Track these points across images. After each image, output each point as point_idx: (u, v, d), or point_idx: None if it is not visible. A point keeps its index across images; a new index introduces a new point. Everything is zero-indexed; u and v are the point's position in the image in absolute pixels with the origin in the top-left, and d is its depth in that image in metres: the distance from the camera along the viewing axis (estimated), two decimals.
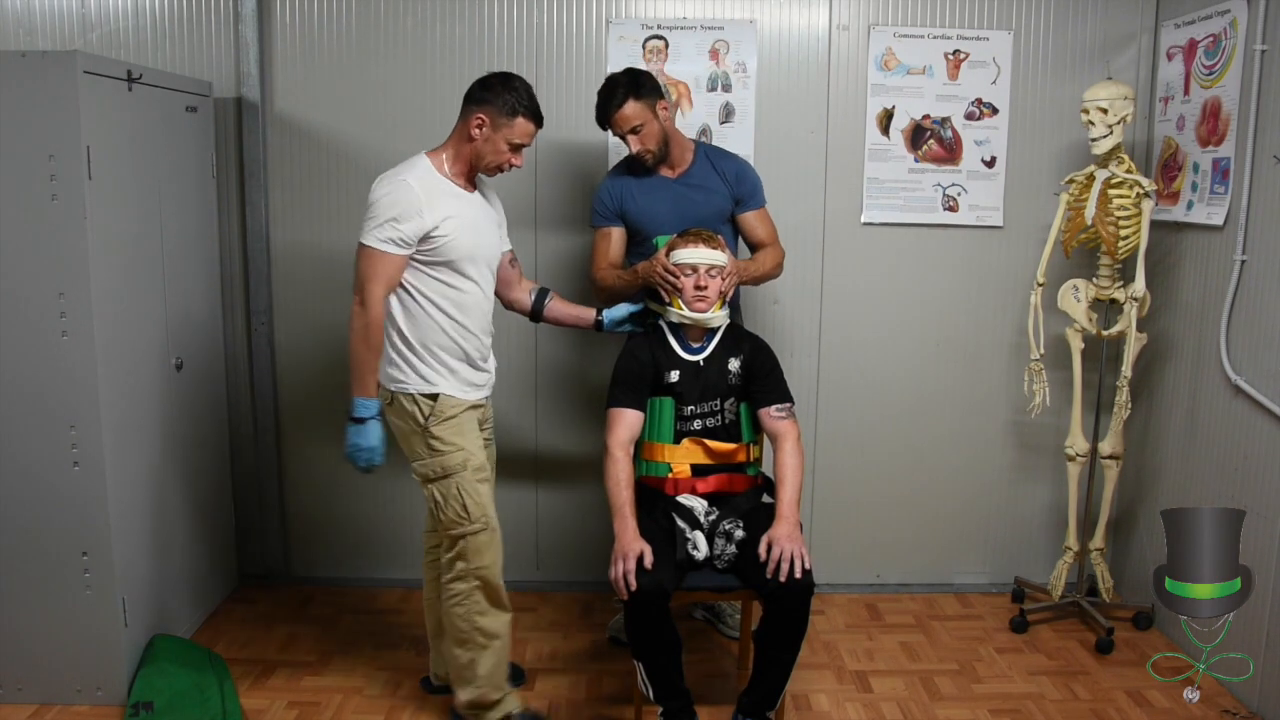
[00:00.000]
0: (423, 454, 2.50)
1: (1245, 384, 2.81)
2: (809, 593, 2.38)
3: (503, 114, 2.44)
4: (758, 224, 2.92)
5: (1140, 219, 3.01)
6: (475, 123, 2.45)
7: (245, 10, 3.21)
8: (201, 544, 3.22)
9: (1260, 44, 2.75)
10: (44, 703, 2.72)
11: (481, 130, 2.45)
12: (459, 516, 2.48)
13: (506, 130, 2.45)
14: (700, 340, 2.67)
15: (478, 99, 2.47)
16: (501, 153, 2.48)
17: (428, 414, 2.48)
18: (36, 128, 2.45)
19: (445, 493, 2.48)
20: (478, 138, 2.46)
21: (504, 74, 2.51)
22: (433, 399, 2.48)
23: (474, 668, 2.54)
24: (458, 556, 2.50)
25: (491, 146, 2.47)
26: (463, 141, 2.49)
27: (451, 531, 2.50)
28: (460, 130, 2.50)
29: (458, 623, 2.53)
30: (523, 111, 2.46)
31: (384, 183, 2.42)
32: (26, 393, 2.57)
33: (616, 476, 2.53)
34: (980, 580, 3.60)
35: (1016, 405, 3.45)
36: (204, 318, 3.23)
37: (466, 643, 2.53)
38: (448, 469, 2.48)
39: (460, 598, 2.51)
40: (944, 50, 3.31)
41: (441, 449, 2.48)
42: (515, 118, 2.45)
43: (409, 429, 2.51)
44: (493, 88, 2.46)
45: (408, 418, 2.50)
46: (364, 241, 2.40)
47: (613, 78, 2.78)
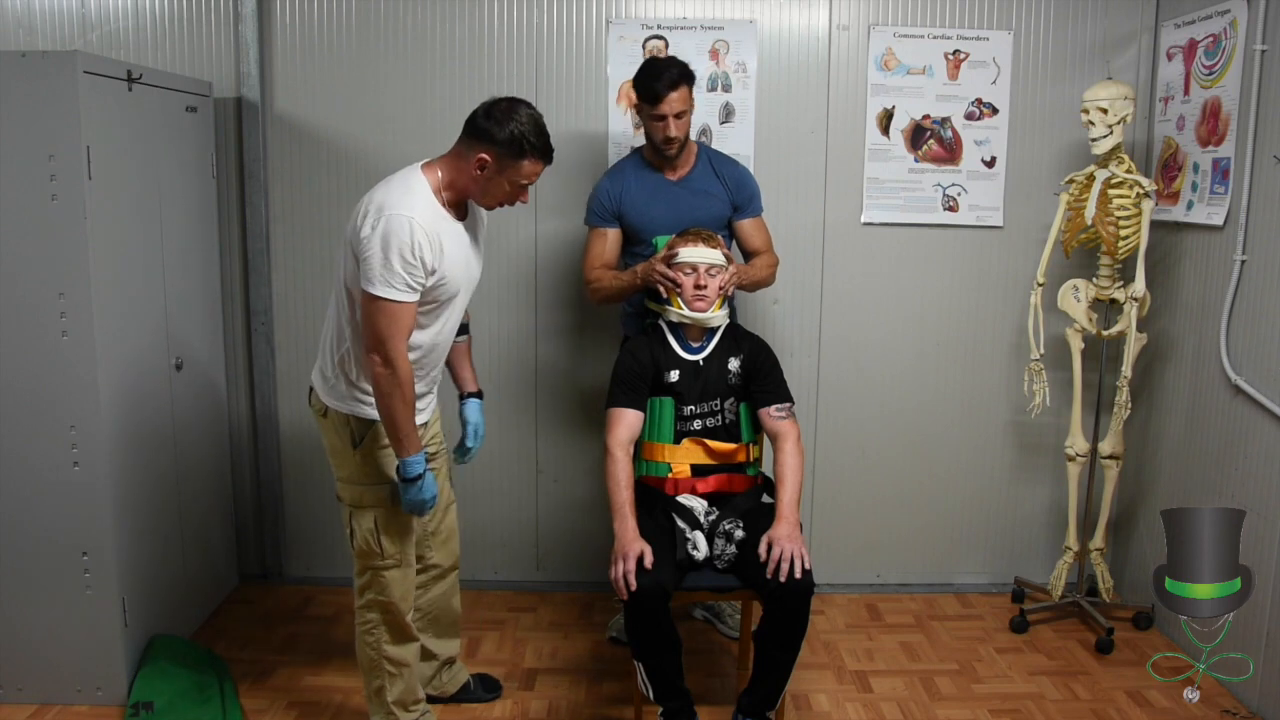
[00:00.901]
0: (348, 477, 2.37)
1: (1245, 384, 2.81)
2: (809, 593, 2.38)
3: (508, 155, 2.19)
4: (754, 232, 2.92)
5: (1140, 219, 3.01)
6: (477, 163, 2.20)
7: (245, 10, 3.21)
8: (201, 544, 3.22)
9: (1260, 44, 2.75)
10: (44, 703, 2.72)
11: (484, 171, 2.21)
12: (370, 549, 2.37)
13: (512, 172, 2.22)
14: (700, 340, 2.67)
15: (482, 133, 2.19)
16: (504, 192, 2.26)
17: (360, 438, 2.34)
18: (36, 128, 2.45)
19: (361, 523, 2.37)
20: (479, 178, 2.22)
21: (510, 102, 2.22)
22: (369, 424, 2.33)
23: (383, 695, 2.47)
24: (368, 585, 2.41)
25: (495, 187, 2.24)
26: (460, 175, 2.24)
27: (363, 560, 2.40)
28: (459, 164, 2.24)
29: (367, 650, 2.45)
30: (530, 151, 2.20)
31: (391, 223, 2.12)
32: (26, 393, 2.57)
33: (616, 476, 2.53)
34: (980, 580, 3.60)
35: (1016, 405, 3.45)
36: (204, 318, 3.23)
37: (374, 671, 2.46)
38: (368, 501, 2.36)
39: (370, 626, 2.43)
40: (944, 50, 3.31)
41: (366, 480, 2.35)
42: (522, 160, 2.20)
43: (340, 445, 2.37)
44: (498, 120, 2.18)
45: (342, 435, 2.36)
46: (376, 293, 2.12)
47: (665, 59, 2.78)
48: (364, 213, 2.19)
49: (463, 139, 2.26)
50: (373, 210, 2.16)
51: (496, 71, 3.29)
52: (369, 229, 2.14)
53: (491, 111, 2.21)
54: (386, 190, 2.22)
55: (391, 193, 2.20)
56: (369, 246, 2.13)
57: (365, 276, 2.14)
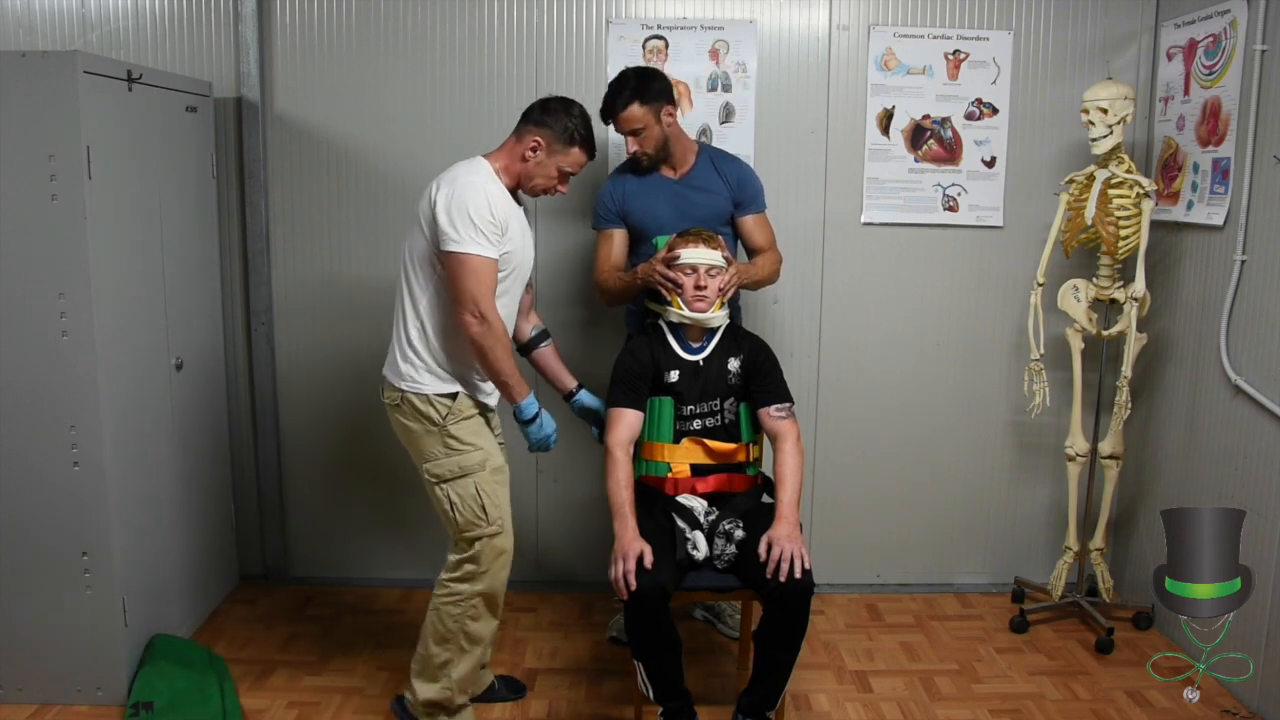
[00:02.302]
0: (438, 454, 2.45)
1: (1245, 384, 2.81)
2: (809, 593, 2.38)
3: (559, 140, 2.43)
4: (756, 229, 2.92)
5: (1140, 219, 3.01)
6: (530, 144, 2.43)
7: (245, 10, 3.21)
8: (201, 544, 3.22)
9: (1260, 44, 2.75)
10: (44, 703, 2.72)
11: (535, 153, 2.43)
12: (476, 518, 2.44)
13: (560, 157, 2.45)
14: (700, 340, 2.67)
15: (536, 120, 2.44)
16: (550, 178, 2.47)
17: (445, 413, 2.44)
18: (36, 128, 2.45)
19: (462, 493, 2.44)
20: (530, 159, 2.44)
21: (565, 99, 2.49)
22: (450, 398, 2.45)
23: (448, 668, 2.50)
24: (469, 559, 2.46)
25: (542, 170, 2.45)
26: (514, 159, 2.46)
27: (467, 534, 2.45)
28: (513, 148, 2.47)
29: (446, 621, 2.48)
30: (579, 141, 2.45)
31: (465, 188, 2.34)
32: (26, 393, 2.57)
33: (616, 476, 2.53)
34: (980, 580, 3.60)
35: (1016, 405, 3.45)
36: (204, 318, 3.23)
37: (448, 642, 2.49)
38: (466, 468, 2.44)
39: (458, 599, 2.48)
40: (944, 50, 3.31)
41: (460, 448, 2.45)
42: (572, 146, 2.44)
43: (422, 430, 2.46)
44: (553, 111, 2.44)
45: (421, 419, 2.45)
46: (462, 250, 2.30)
47: (623, 75, 2.79)
48: (435, 188, 2.38)
49: (517, 128, 2.49)
50: (445, 184, 2.37)
51: (496, 71, 3.29)
52: (444, 198, 2.33)
53: (548, 104, 2.48)
54: (457, 169, 2.43)
55: (460, 169, 2.42)
56: (447, 211, 2.31)
57: (447, 238, 2.31)
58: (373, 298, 3.39)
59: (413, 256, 2.45)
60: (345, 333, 3.42)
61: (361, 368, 3.42)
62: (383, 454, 3.47)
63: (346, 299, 3.40)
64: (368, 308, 3.39)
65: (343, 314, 3.41)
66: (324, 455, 3.50)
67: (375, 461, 3.48)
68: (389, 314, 3.35)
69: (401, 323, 2.49)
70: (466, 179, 2.37)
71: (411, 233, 2.46)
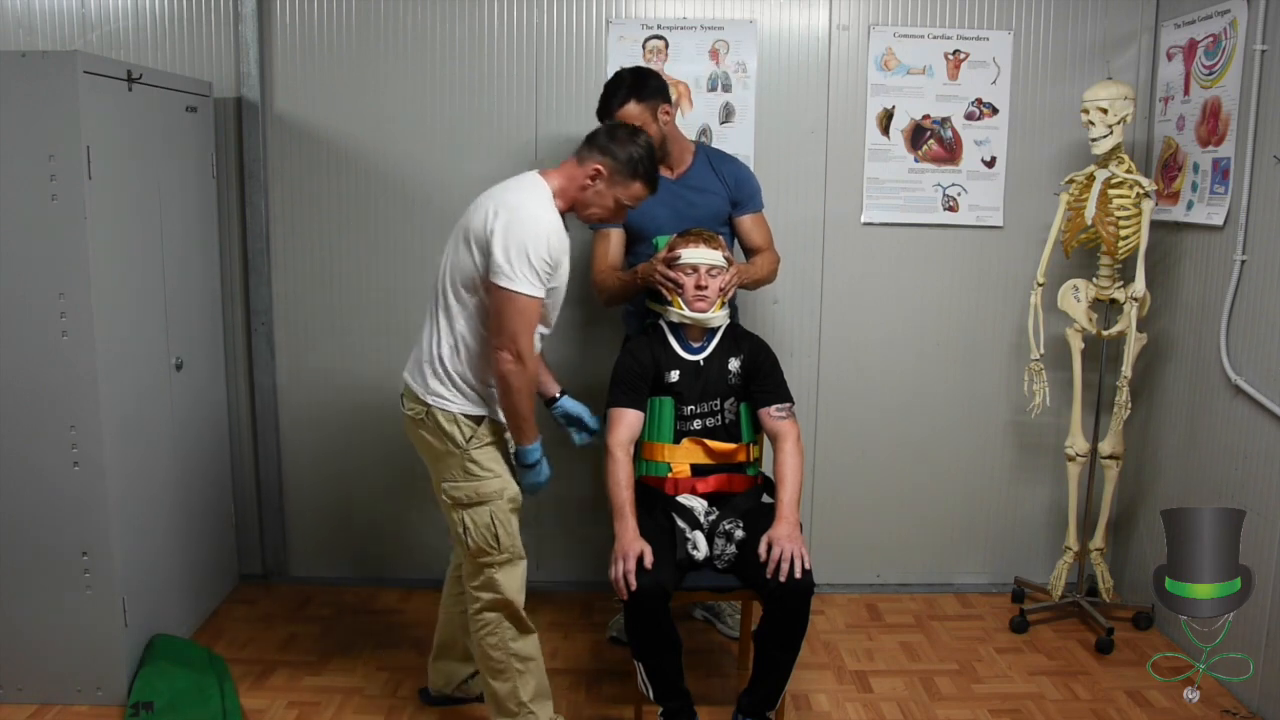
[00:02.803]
0: (457, 477, 2.38)
1: (1245, 384, 2.81)
2: (809, 593, 2.38)
3: (623, 171, 2.35)
4: (754, 228, 2.92)
5: (1140, 219, 3.01)
6: (591, 171, 2.34)
7: (245, 10, 3.21)
8: (201, 544, 3.22)
9: (1260, 44, 2.75)
10: (44, 703, 2.72)
11: (595, 182, 2.35)
12: (489, 545, 2.38)
13: (620, 188, 2.37)
14: (700, 340, 2.67)
15: (601, 146, 2.35)
16: (606, 208, 2.39)
17: (469, 436, 2.36)
18: (36, 128, 2.45)
19: (477, 520, 2.37)
20: (589, 187, 2.36)
21: (633, 127, 2.43)
22: (476, 422, 2.38)
23: (516, 695, 2.43)
24: (484, 586, 2.40)
25: (600, 200, 2.38)
26: (573, 184, 2.36)
27: (479, 559, 2.40)
28: (573, 172, 2.37)
29: (492, 654, 2.42)
30: (643, 175, 2.37)
31: (528, 224, 2.23)
32: (26, 393, 2.57)
33: (616, 476, 2.53)
34: (980, 580, 3.60)
35: (1016, 405, 3.45)
36: (204, 318, 3.23)
37: (504, 672, 2.43)
38: (483, 495, 2.37)
39: (491, 627, 2.42)
40: (944, 50, 3.31)
41: (479, 474, 2.37)
42: (634, 180, 2.36)
43: (444, 449, 2.38)
44: (619, 140, 2.36)
45: (444, 438, 2.37)
46: (514, 289, 2.22)
47: (619, 75, 2.78)
48: (492, 212, 2.26)
49: (580, 151, 2.39)
50: (504, 209, 2.26)
51: (496, 71, 3.29)
52: (503, 227, 2.23)
53: (615, 131, 2.40)
54: (516, 192, 2.33)
55: (522, 193, 2.32)
56: (505, 245, 2.21)
57: (500, 272, 2.22)
58: (372, 297, 3.40)
59: (455, 274, 2.34)
60: (345, 333, 3.42)
61: (361, 368, 3.43)
62: (383, 454, 3.48)
63: (346, 299, 3.40)
64: (368, 307, 3.40)
65: (343, 314, 3.41)
66: (324, 455, 3.50)
67: (375, 461, 3.48)
68: (389, 314, 3.40)
69: (434, 337, 2.39)
70: (530, 210, 2.26)
71: (456, 249, 2.34)
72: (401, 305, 3.38)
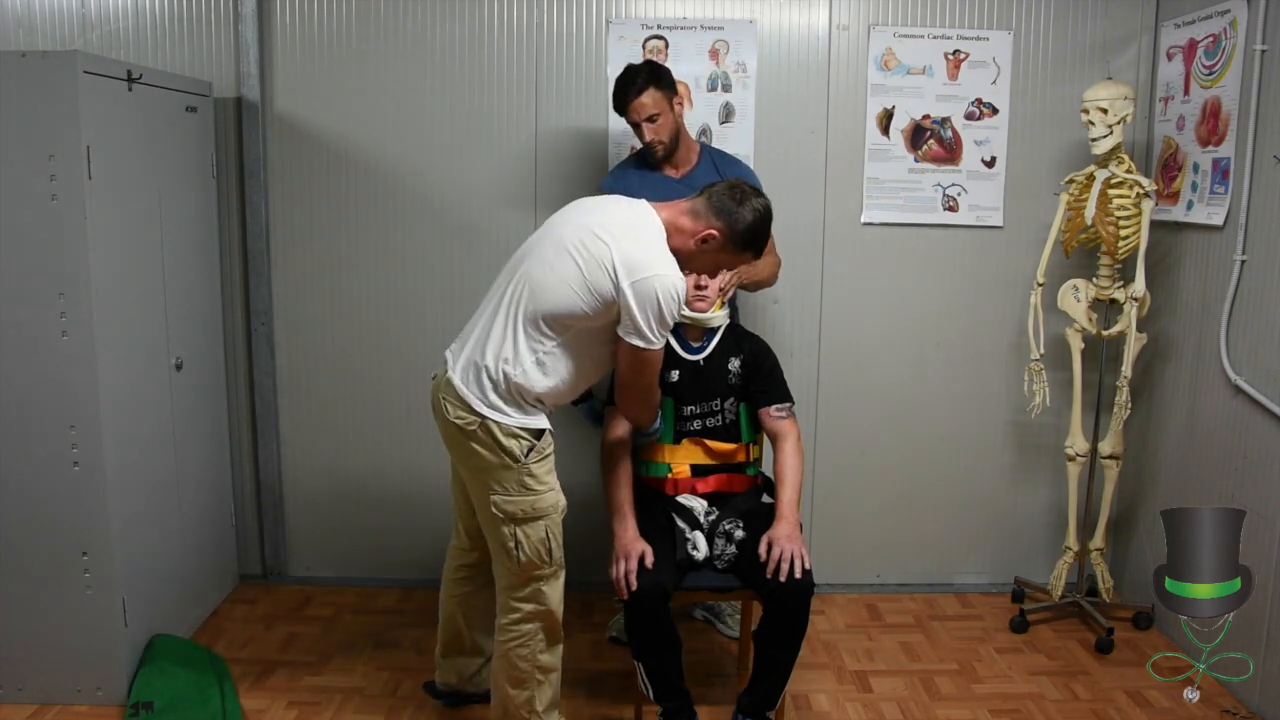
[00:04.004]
0: (511, 491, 2.26)
1: (1245, 384, 2.81)
2: (809, 593, 2.38)
3: (737, 243, 2.25)
4: None
5: (1140, 219, 3.01)
6: (705, 235, 2.23)
7: (245, 10, 3.21)
8: (201, 544, 3.22)
9: (1260, 44, 2.75)
10: (44, 703, 2.72)
11: (708, 244, 2.24)
12: (541, 560, 2.30)
13: (729, 258, 2.30)
14: (700, 340, 2.67)
15: (722, 210, 2.23)
16: (711, 268, 2.36)
17: (527, 450, 2.25)
18: (36, 128, 2.45)
19: (531, 534, 2.28)
20: (697, 247, 2.25)
21: (760, 192, 2.30)
22: (537, 435, 2.27)
23: (531, 704, 2.38)
24: (529, 598, 2.33)
25: (708, 261, 2.30)
26: (684, 238, 2.24)
27: (530, 573, 2.31)
28: (690, 226, 2.24)
29: (519, 664, 2.36)
30: (753, 250, 2.29)
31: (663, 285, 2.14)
32: (26, 393, 2.57)
33: (615, 476, 2.53)
34: (980, 580, 3.60)
35: (1016, 405, 3.45)
36: (204, 318, 3.23)
37: (524, 682, 2.37)
38: (540, 510, 2.28)
39: (525, 638, 2.35)
40: (944, 50, 3.31)
41: (536, 488, 2.27)
42: (747, 251, 2.29)
43: (498, 463, 2.25)
44: (745, 204, 2.23)
45: (500, 451, 2.24)
46: (649, 348, 2.19)
47: (633, 66, 2.81)
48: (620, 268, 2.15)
49: (701, 205, 2.26)
50: (636, 270, 2.14)
51: (496, 71, 3.29)
52: (634, 290, 2.14)
53: (744, 197, 2.25)
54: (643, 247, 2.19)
55: (651, 251, 2.19)
56: (639, 308, 2.14)
57: (637, 333, 2.17)
58: (372, 297, 3.40)
59: (546, 301, 2.20)
60: (345, 333, 3.42)
61: (361, 367, 3.43)
62: (382, 454, 3.48)
63: (346, 299, 3.40)
64: (368, 307, 3.40)
65: (343, 314, 3.41)
66: (324, 455, 3.50)
67: (375, 461, 3.48)
68: (389, 314, 3.40)
69: (506, 358, 2.22)
70: (663, 273, 2.15)
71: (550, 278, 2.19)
72: (402, 305, 3.38)
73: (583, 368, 2.29)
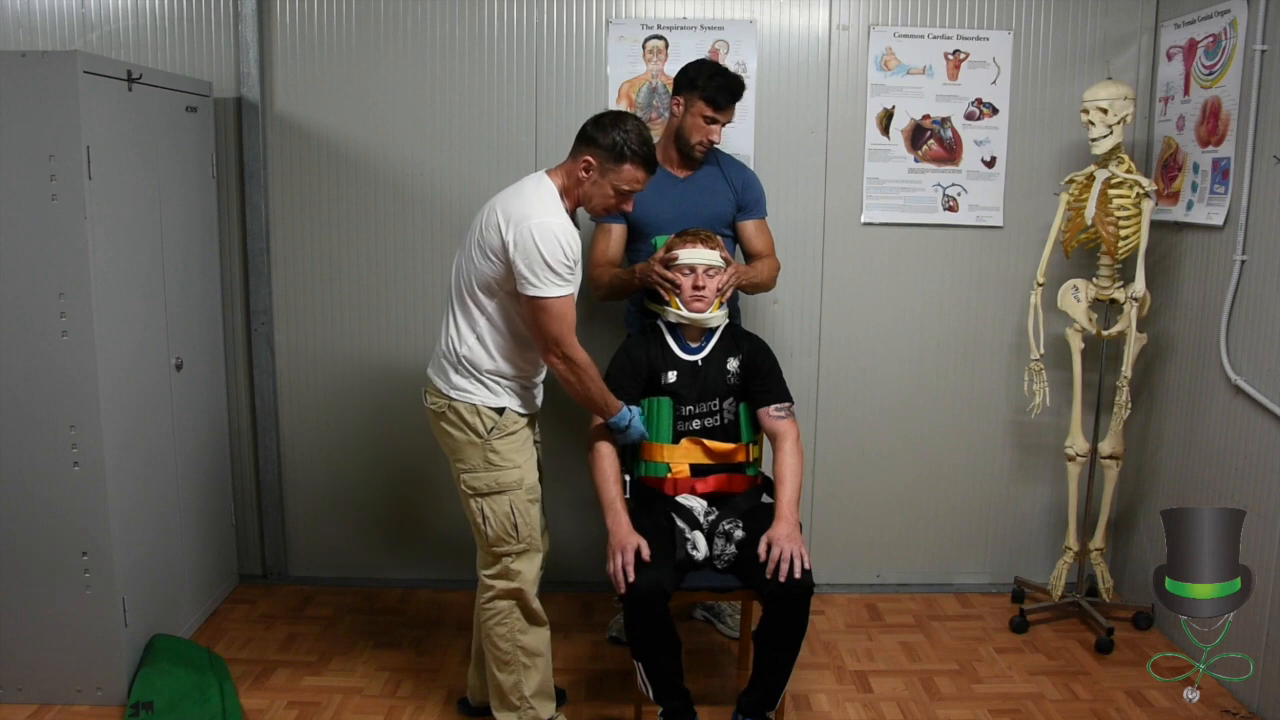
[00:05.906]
0: (477, 467, 2.43)
1: (1245, 384, 2.81)
2: (809, 593, 2.38)
3: (610, 158, 2.34)
4: (756, 234, 2.93)
5: (1140, 219, 3.01)
6: (582, 164, 2.35)
7: (245, 10, 3.21)
8: (201, 544, 3.22)
9: (1260, 44, 2.75)
10: (44, 703, 2.72)
11: (589, 174, 2.36)
12: (507, 534, 2.43)
13: (614, 175, 2.36)
14: (699, 340, 2.67)
15: (588, 138, 2.36)
16: (609, 197, 2.39)
17: (490, 427, 2.41)
18: (36, 128, 2.45)
19: (496, 509, 2.42)
20: (585, 180, 2.37)
21: (617, 113, 2.41)
22: (498, 412, 2.42)
23: (519, 689, 2.48)
24: (499, 574, 2.46)
25: (599, 190, 2.38)
26: (572, 181, 2.38)
27: (495, 549, 2.45)
28: (570, 169, 2.39)
29: (499, 644, 2.47)
30: (630, 157, 2.34)
31: (539, 233, 2.25)
32: (26, 393, 2.57)
33: (604, 471, 2.54)
34: (980, 580, 3.60)
35: (1016, 405, 3.45)
36: (204, 318, 3.23)
37: (509, 664, 2.48)
38: (503, 485, 2.42)
39: (500, 616, 2.47)
40: (944, 50, 3.31)
41: (499, 464, 2.42)
42: (623, 164, 2.34)
43: (465, 439, 2.43)
44: (603, 127, 2.35)
45: (466, 428, 2.42)
46: (543, 295, 2.27)
47: (732, 73, 2.85)
48: (503, 223, 2.30)
49: (574, 146, 2.41)
50: (515, 222, 2.29)
51: (496, 71, 3.29)
52: (517, 240, 2.27)
53: (600, 120, 2.39)
54: (521, 199, 2.35)
55: (527, 202, 2.33)
56: (526, 260, 2.26)
57: (526, 283, 2.28)
58: (372, 297, 3.40)
59: (472, 278, 2.38)
60: (345, 333, 3.42)
61: (361, 367, 3.43)
62: (383, 453, 3.48)
63: (346, 299, 3.41)
64: (367, 307, 3.40)
65: (343, 314, 3.41)
66: (324, 455, 3.50)
67: (375, 461, 3.48)
68: (389, 313, 3.40)
69: (453, 337, 2.43)
70: (538, 219, 2.27)
71: (469, 255, 2.39)
72: (401, 305, 3.38)
73: (518, 338, 2.41)
